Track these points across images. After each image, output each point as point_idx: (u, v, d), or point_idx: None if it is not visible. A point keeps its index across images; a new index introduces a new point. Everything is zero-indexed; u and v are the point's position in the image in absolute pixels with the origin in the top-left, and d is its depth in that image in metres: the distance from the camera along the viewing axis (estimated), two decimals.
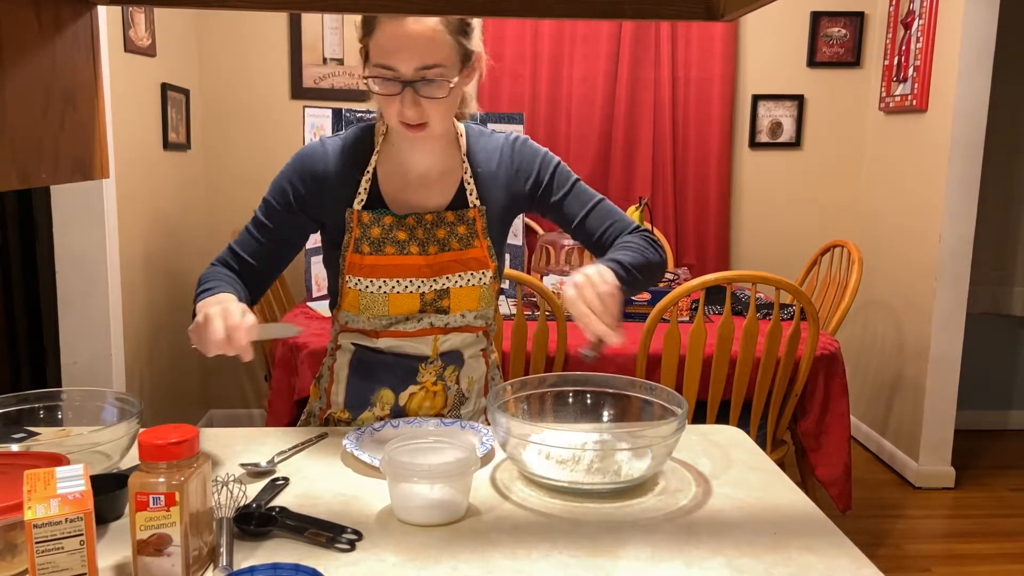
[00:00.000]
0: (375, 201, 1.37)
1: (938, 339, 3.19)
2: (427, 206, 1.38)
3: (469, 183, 1.39)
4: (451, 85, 1.25)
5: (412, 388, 1.41)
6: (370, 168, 1.37)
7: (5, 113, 0.80)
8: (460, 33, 1.26)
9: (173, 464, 0.88)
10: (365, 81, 1.27)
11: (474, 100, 1.46)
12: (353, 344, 1.42)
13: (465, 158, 1.40)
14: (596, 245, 1.45)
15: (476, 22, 1.31)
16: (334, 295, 1.42)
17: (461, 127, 1.42)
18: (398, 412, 1.41)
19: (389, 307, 1.36)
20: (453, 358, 1.42)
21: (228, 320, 1.09)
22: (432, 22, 1.22)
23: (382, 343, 1.39)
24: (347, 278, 1.36)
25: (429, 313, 1.37)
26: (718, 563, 0.96)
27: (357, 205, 1.36)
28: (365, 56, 1.28)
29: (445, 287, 1.37)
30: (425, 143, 1.35)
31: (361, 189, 1.36)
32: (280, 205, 1.37)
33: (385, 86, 1.25)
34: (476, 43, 1.30)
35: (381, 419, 1.40)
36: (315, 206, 1.37)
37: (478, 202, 1.38)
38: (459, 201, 1.39)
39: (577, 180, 1.46)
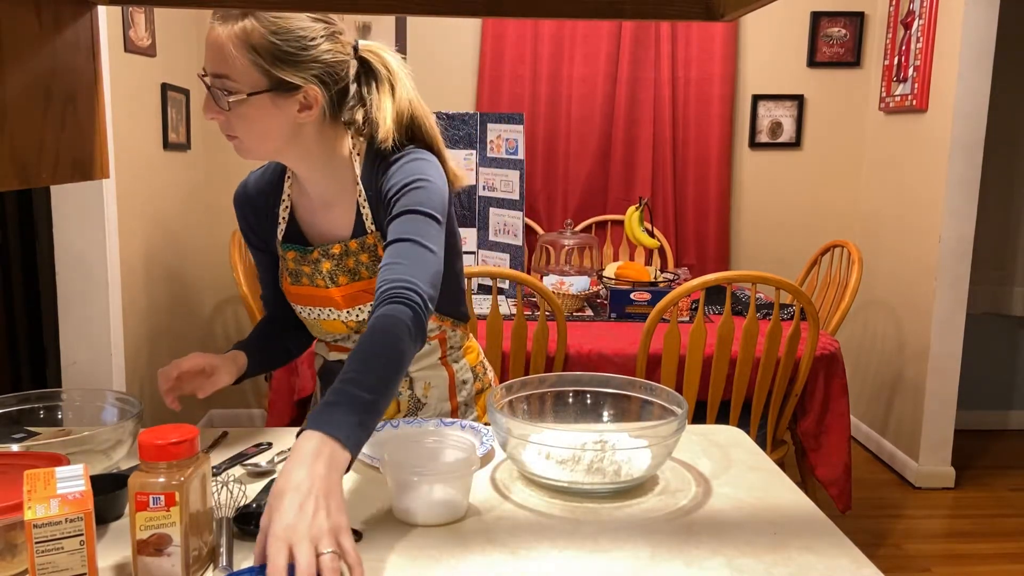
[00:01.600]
0: (293, 230, 1.39)
1: (938, 339, 3.19)
2: (335, 231, 1.36)
3: (364, 207, 1.32)
4: (231, 100, 1.17)
5: None
6: (285, 196, 1.38)
7: (5, 113, 0.80)
8: (268, 54, 1.16)
9: (173, 464, 0.88)
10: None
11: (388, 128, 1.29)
12: (320, 355, 1.48)
13: (360, 181, 1.32)
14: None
15: (325, 51, 1.20)
16: None
17: (360, 144, 1.33)
18: None
19: (323, 328, 1.40)
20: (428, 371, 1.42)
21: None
22: (228, 33, 1.16)
23: (332, 355, 1.43)
24: (288, 301, 1.43)
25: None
26: (718, 563, 0.96)
27: (279, 235, 1.38)
28: None
29: (361, 318, 1.35)
30: (297, 165, 1.32)
31: (280, 218, 1.38)
32: (250, 246, 1.45)
33: (204, 84, 1.22)
34: (300, 76, 1.19)
35: None
36: (261, 239, 1.43)
37: (373, 227, 1.32)
38: (359, 227, 1.34)
39: (419, 213, 1.24)
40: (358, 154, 1.33)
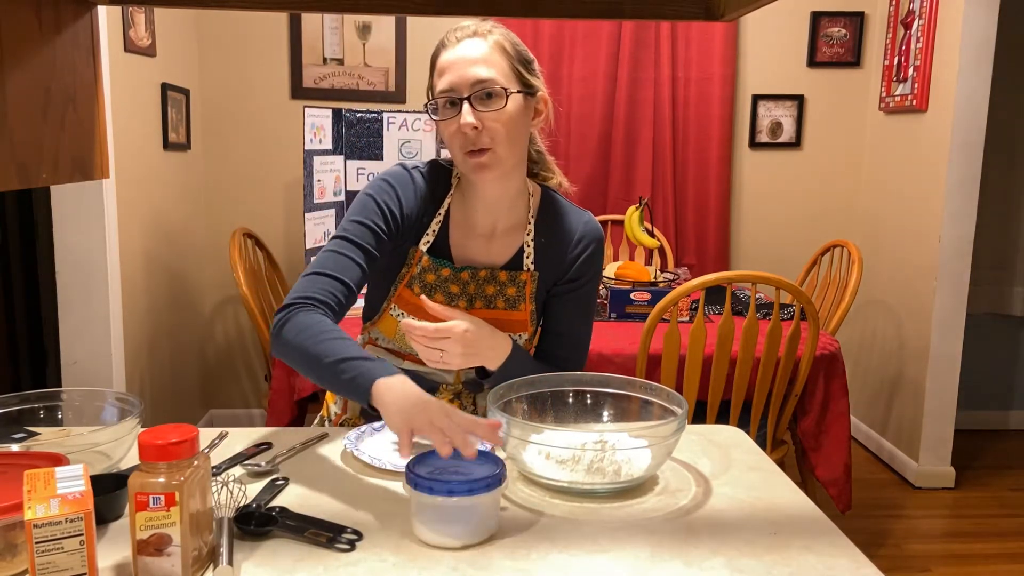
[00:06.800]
0: (440, 245, 1.38)
1: (938, 339, 3.19)
2: (483, 258, 1.39)
3: (528, 246, 1.39)
4: (508, 94, 1.26)
5: None
6: (442, 210, 1.38)
7: (5, 113, 0.80)
8: (518, 61, 1.31)
9: (173, 464, 0.88)
10: (431, 118, 1.33)
11: (558, 173, 1.49)
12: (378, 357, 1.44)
13: (532, 221, 1.39)
14: (540, 347, 1.48)
15: (538, 66, 1.37)
16: (371, 311, 1.44)
17: (535, 187, 1.42)
18: None
19: None
20: (473, 386, 1.43)
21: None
22: (487, 43, 1.29)
23: (406, 365, 1.41)
24: (392, 306, 1.38)
25: None
26: (718, 563, 0.96)
27: (423, 245, 1.37)
28: (431, 97, 1.32)
29: None
30: (494, 195, 1.36)
31: (430, 230, 1.38)
32: (383, 228, 1.33)
33: (445, 110, 1.28)
34: (538, 82, 1.34)
35: None
36: (398, 230, 1.37)
37: (532, 266, 1.39)
38: (515, 262, 1.40)
39: (590, 300, 1.46)
40: (531, 194, 1.41)
